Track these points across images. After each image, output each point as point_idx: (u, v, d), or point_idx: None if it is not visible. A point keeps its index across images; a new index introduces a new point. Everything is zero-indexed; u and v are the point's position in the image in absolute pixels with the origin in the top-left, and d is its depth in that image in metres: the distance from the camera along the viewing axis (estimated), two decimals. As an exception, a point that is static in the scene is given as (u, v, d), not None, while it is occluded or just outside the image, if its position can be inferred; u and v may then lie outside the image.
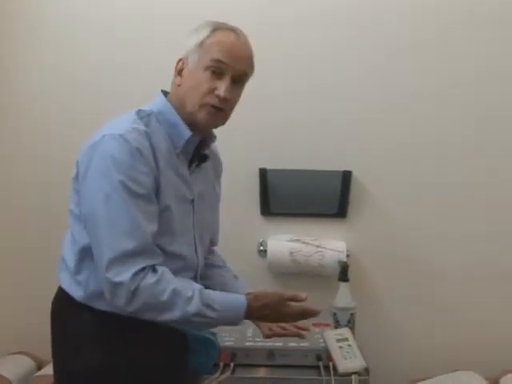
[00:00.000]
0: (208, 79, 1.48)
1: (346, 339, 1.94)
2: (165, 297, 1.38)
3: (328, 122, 2.25)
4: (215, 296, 1.45)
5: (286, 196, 2.27)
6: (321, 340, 1.97)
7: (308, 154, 2.24)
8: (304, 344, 1.94)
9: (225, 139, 1.72)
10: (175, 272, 1.48)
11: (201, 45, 1.50)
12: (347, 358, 1.88)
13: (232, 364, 1.89)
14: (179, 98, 1.52)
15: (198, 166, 1.60)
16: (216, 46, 1.49)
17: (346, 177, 2.23)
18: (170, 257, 1.48)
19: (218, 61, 1.48)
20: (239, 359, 1.91)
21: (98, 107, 2.08)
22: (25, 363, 2.20)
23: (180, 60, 1.54)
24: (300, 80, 2.24)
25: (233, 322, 1.47)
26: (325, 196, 2.26)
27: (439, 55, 2.23)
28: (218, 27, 1.53)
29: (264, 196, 2.26)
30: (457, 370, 2.18)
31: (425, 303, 2.28)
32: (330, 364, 1.88)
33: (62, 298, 1.53)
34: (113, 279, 1.36)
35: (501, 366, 2.17)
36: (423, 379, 2.17)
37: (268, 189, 2.25)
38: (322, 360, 1.91)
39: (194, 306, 1.39)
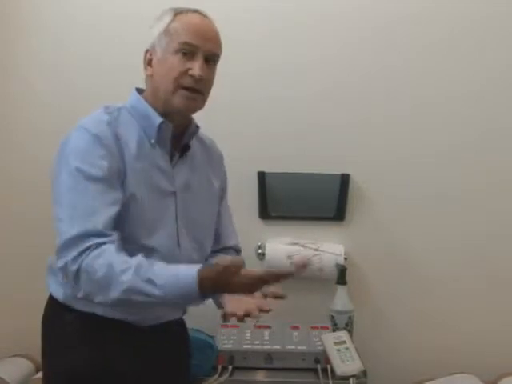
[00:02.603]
0: (179, 62, 1.45)
1: (344, 342, 1.94)
2: (101, 273, 1.30)
3: (326, 125, 2.25)
4: (160, 270, 1.31)
5: (285, 199, 2.27)
6: (319, 343, 1.97)
7: (306, 157, 2.24)
8: (302, 347, 1.95)
9: (223, 142, 1.72)
10: None
11: (166, 31, 1.47)
12: (345, 361, 1.88)
13: (230, 367, 1.89)
14: (153, 88, 1.50)
15: (181, 157, 1.56)
16: (182, 28, 1.46)
17: (344, 180, 2.23)
18: (144, 251, 1.42)
19: (187, 43, 1.45)
20: (237, 362, 1.91)
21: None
22: (24, 365, 2.21)
23: (147, 51, 1.51)
24: (299, 83, 2.24)
25: (189, 299, 1.32)
26: (323, 199, 2.26)
27: (441, 63, 2.22)
28: (179, 11, 1.50)
29: (262, 199, 2.26)
30: (455, 373, 2.18)
31: (423, 306, 2.28)
32: (328, 367, 1.88)
33: (50, 301, 1.54)
34: (58, 265, 1.35)
35: (499, 368, 2.17)
36: (421, 382, 2.17)
37: (266, 192, 2.25)
38: (320, 363, 1.91)
39: (126, 278, 1.28)
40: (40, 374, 2.11)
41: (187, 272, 1.29)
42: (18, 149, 2.31)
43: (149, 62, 1.51)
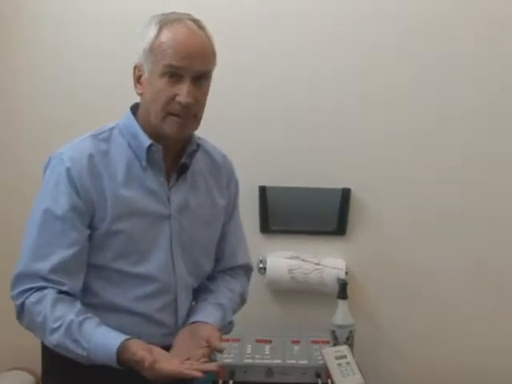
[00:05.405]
0: (165, 86, 1.37)
1: (345, 356, 1.93)
2: (38, 319, 1.36)
3: (327, 140, 2.25)
4: (90, 332, 1.32)
5: (286, 213, 2.27)
6: (319, 357, 1.96)
7: (307, 171, 2.25)
8: (303, 361, 1.94)
9: (224, 157, 1.73)
10: (149, 296, 1.45)
11: (150, 49, 1.39)
12: (346, 376, 1.87)
13: (231, 381, 1.87)
14: (144, 108, 1.46)
15: (179, 177, 1.52)
16: (167, 47, 1.37)
17: (345, 194, 2.24)
18: (137, 279, 1.44)
19: (172, 66, 1.37)
20: (238, 376, 1.90)
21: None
22: (23, 379, 2.20)
23: (135, 67, 1.45)
24: (299, 99, 2.25)
25: (113, 364, 1.31)
26: (324, 213, 2.26)
27: (441, 79, 2.22)
28: (164, 23, 1.40)
29: (263, 213, 2.26)
30: (455, 389, 2.19)
31: (424, 321, 2.28)
32: (329, 381, 1.86)
33: None
34: (10, 293, 1.42)
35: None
36: (422, 397, 2.17)
37: (267, 206, 2.25)
38: (320, 377, 1.90)
39: (56, 338, 1.33)
40: (40, 387, 2.12)
41: (110, 343, 1.31)
42: (17, 162, 2.30)
43: (138, 79, 1.45)
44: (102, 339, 1.32)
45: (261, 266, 2.25)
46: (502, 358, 2.26)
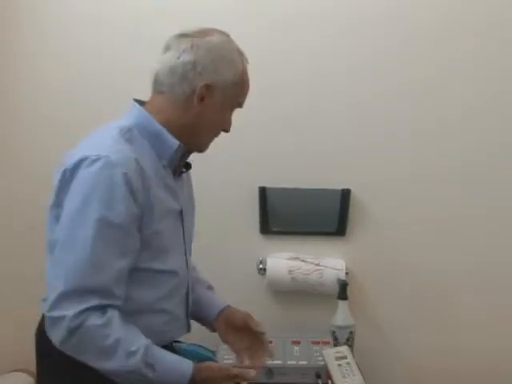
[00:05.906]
0: (228, 117, 1.52)
1: (345, 357, 1.94)
2: (108, 342, 1.28)
3: (327, 140, 2.25)
4: (161, 356, 1.34)
5: (286, 214, 2.27)
6: (320, 358, 1.97)
7: (307, 172, 2.25)
8: (303, 362, 1.95)
9: (224, 158, 1.73)
10: (171, 291, 1.46)
11: (237, 83, 1.47)
12: (346, 377, 1.87)
13: (231, 382, 1.89)
14: (186, 123, 1.44)
15: (180, 175, 1.54)
16: (245, 87, 1.51)
17: (345, 195, 2.24)
18: (164, 275, 1.44)
19: (241, 104, 1.54)
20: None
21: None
22: (24, 380, 2.20)
23: (207, 86, 1.42)
24: (300, 101, 2.24)
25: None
26: (324, 214, 2.26)
27: (441, 81, 2.23)
28: (244, 58, 1.51)
29: (263, 214, 2.26)
30: (455, 389, 2.19)
31: (424, 322, 2.28)
32: (329, 382, 1.88)
33: (40, 326, 1.48)
34: (54, 313, 1.29)
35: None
36: (422, 398, 2.17)
37: (267, 207, 2.25)
38: (320, 378, 1.91)
39: (134, 362, 1.29)
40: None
41: (183, 366, 1.36)
42: (17, 162, 2.30)
43: (202, 98, 1.42)
44: (173, 361, 1.37)
45: (261, 266, 2.24)
46: (502, 359, 2.26)
